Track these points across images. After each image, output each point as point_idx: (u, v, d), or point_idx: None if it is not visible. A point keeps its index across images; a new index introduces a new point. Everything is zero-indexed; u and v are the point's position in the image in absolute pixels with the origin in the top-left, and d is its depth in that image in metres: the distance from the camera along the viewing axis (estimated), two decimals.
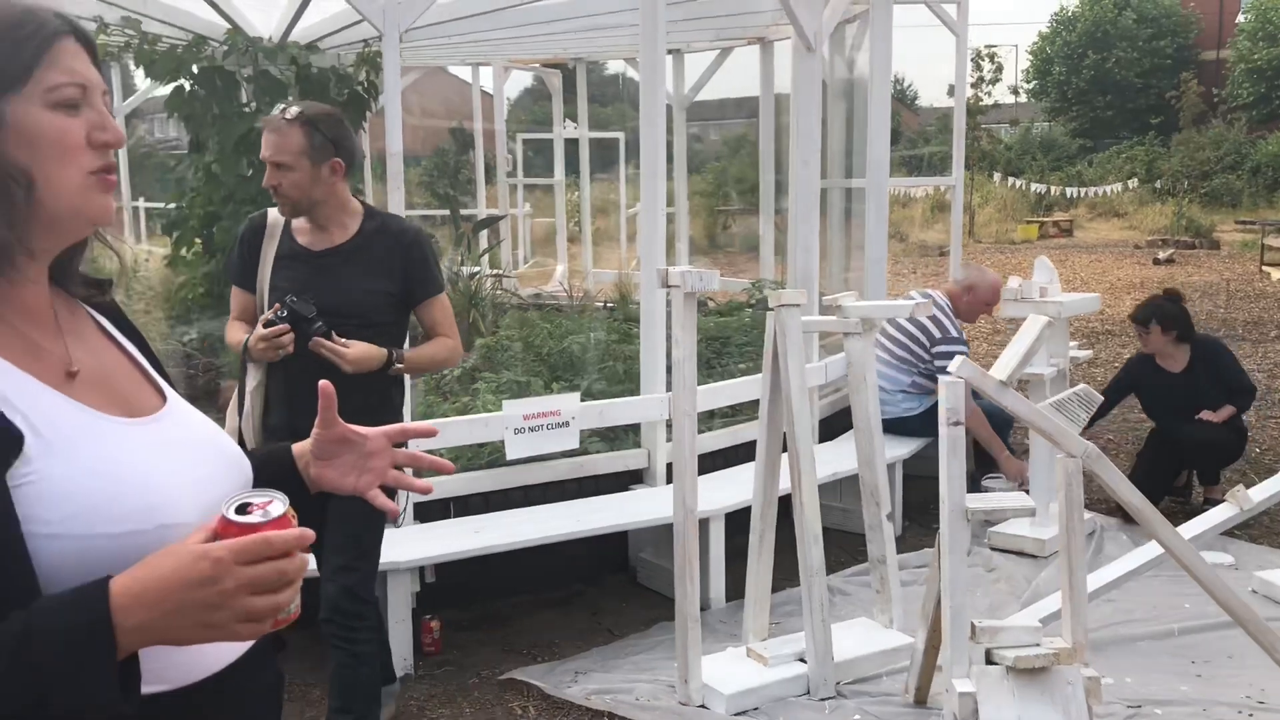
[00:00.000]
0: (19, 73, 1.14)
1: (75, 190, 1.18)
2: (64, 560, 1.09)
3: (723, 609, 4.44)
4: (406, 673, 3.94)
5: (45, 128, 1.15)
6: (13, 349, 1.16)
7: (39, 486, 1.09)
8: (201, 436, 1.31)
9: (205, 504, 1.22)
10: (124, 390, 1.27)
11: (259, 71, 6.41)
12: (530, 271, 11.73)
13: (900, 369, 5.79)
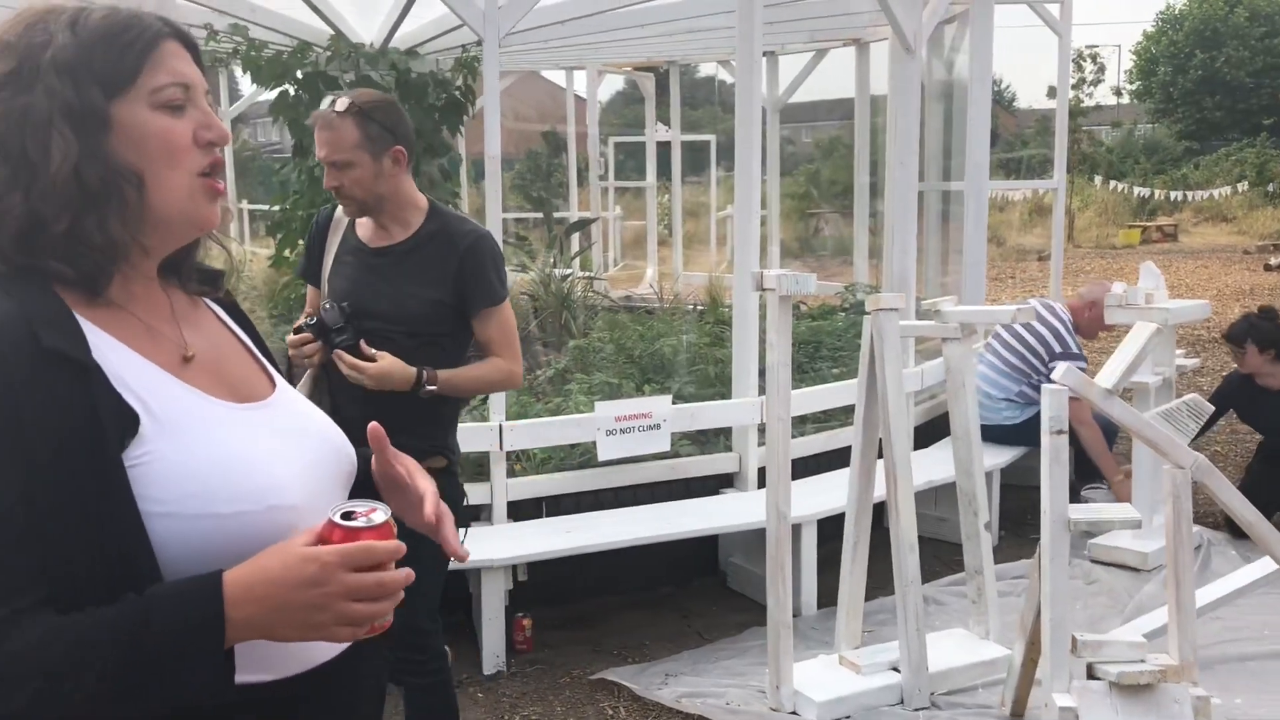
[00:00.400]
0: (125, 76, 1.19)
1: (183, 193, 1.22)
2: (178, 539, 1.13)
3: (814, 615, 4.40)
4: (499, 670, 3.98)
5: (152, 128, 1.20)
6: (131, 334, 1.21)
7: (154, 467, 1.13)
8: (309, 424, 1.34)
9: (311, 489, 1.25)
10: (236, 376, 1.31)
11: (360, 77, 6.53)
12: (620, 274, 11.78)
13: (1010, 377, 5.67)
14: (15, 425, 1.07)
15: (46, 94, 1.16)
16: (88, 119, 1.16)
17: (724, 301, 8.44)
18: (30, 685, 1.04)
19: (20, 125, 1.15)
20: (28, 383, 1.08)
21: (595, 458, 4.43)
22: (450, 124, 6.98)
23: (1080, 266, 16.44)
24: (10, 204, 1.15)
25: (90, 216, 1.17)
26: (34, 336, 1.10)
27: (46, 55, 1.16)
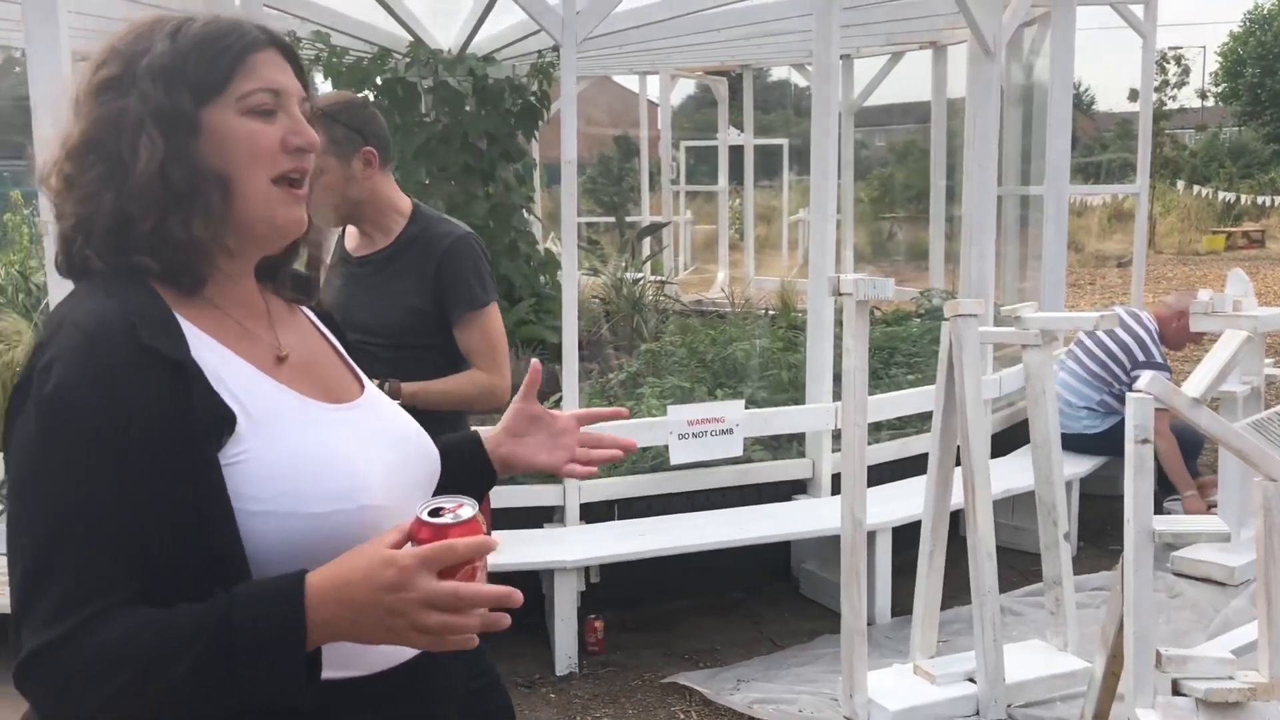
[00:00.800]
0: (217, 82, 1.22)
1: (263, 196, 1.24)
2: (270, 537, 1.15)
3: (887, 624, 4.36)
4: (571, 671, 4.00)
5: (237, 132, 1.22)
6: (228, 334, 1.24)
7: (249, 466, 1.15)
8: (395, 425, 1.37)
9: (399, 489, 1.28)
10: (327, 377, 1.34)
11: (438, 82, 6.63)
12: (691, 278, 11.77)
13: (1091, 385, 5.56)
14: (115, 422, 1.10)
15: (140, 98, 1.20)
16: (176, 122, 1.20)
17: (796, 306, 8.40)
18: (119, 677, 1.06)
19: (115, 127, 1.20)
20: (128, 381, 1.11)
21: (667, 461, 4.43)
22: (525, 129, 7.05)
23: (1161, 273, 16.06)
24: (102, 202, 1.19)
25: (175, 216, 1.20)
26: (135, 335, 1.13)
27: (144, 61, 1.21)
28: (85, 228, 1.21)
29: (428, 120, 6.72)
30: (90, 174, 1.20)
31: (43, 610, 1.08)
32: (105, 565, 1.09)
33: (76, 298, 1.20)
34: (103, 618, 1.08)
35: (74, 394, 1.10)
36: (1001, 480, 4.80)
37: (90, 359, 1.11)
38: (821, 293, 4.56)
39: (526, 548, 4.14)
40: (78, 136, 1.21)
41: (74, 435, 1.10)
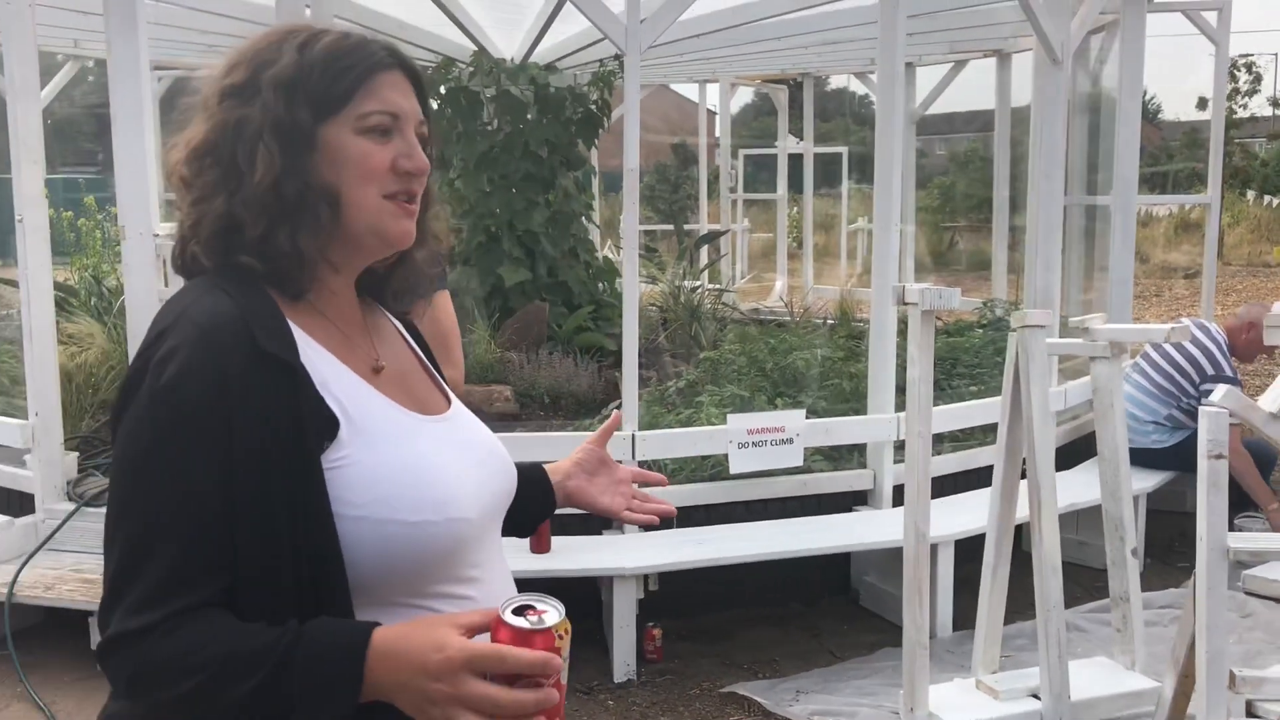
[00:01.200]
0: (337, 100, 1.24)
1: (372, 210, 1.26)
2: (365, 542, 1.17)
3: (949, 638, 4.31)
4: (629, 678, 4.01)
5: (351, 151, 1.24)
6: (332, 341, 1.26)
7: (349, 471, 1.18)
8: (481, 439, 1.39)
9: (483, 504, 1.30)
10: (418, 390, 1.36)
11: (501, 91, 6.69)
12: (748, 286, 11.74)
13: (1160, 399, 5.46)
14: (224, 418, 1.13)
15: (262, 108, 1.22)
16: (294, 136, 1.23)
17: (855, 315, 8.34)
18: (185, 683, 1.09)
19: (234, 133, 1.22)
20: (240, 379, 1.14)
21: (726, 470, 4.42)
22: (586, 138, 7.09)
23: (1230, 285, 15.72)
24: (214, 205, 1.23)
25: (283, 228, 1.23)
26: (250, 335, 1.16)
27: (270, 72, 1.23)
28: (198, 229, 1.24)
29: (490, 128, 6.79)
30: (206, 177, 1.23)
31: (133, 595, 1.12)
32: (199, 558, 1.12)
33: (194, 293, 1.23)
34: (186, 618, 1.11)
35: (187, 388, 1.13)
36: (1067, 494, 4.72)
37: (206, 355, 1.14)
38: (885, 302, 4.53)
39: (585, 554, 4.16)
40: (198, 139, 1.25)
41: (183, 427, 1.13)
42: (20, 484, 4.65)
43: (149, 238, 4.07)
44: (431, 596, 1.24)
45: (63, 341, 4.97)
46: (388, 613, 1.21)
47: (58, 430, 4.55)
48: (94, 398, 5.51)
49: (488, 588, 1.31)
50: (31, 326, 4.43)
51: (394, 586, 1.21)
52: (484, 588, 1.30)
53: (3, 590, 4.09)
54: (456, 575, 1.27)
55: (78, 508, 4.45)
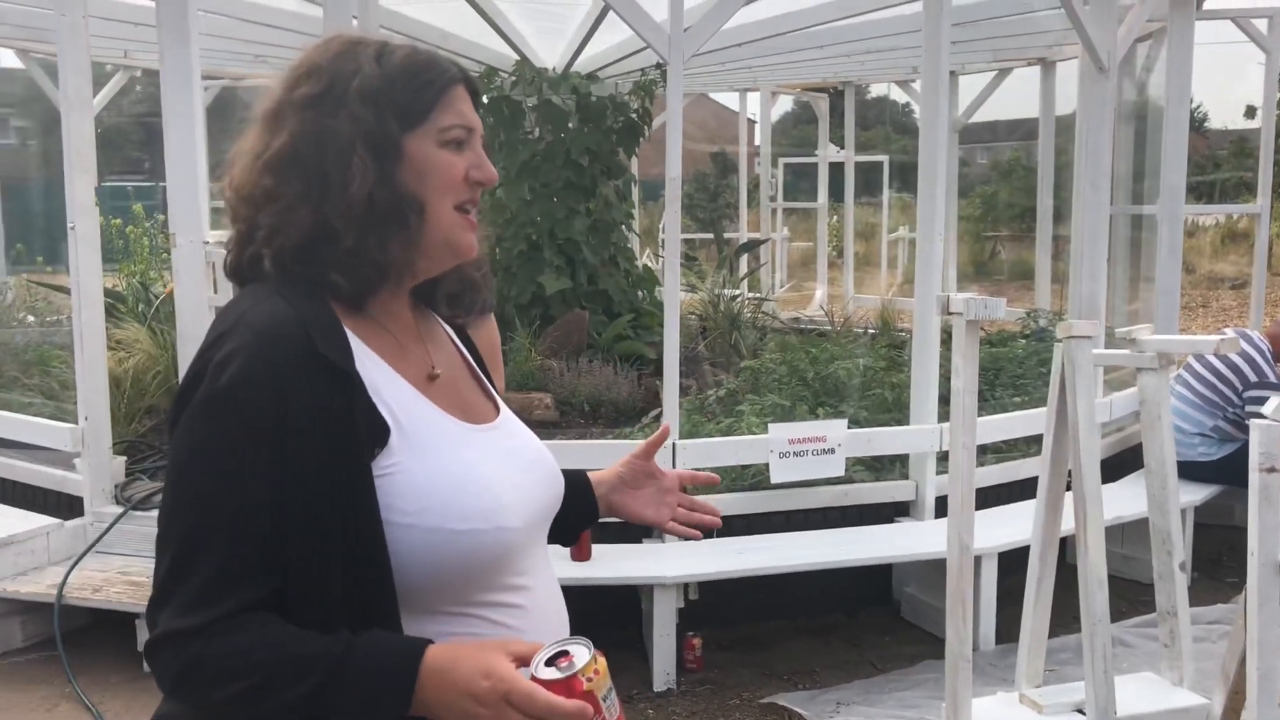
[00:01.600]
0: (420, 112, 1.27)
1: (447, 222, 1.29)
2: (413, 549, 1.18)
3: (992, 651, 4.27)
4: (669, 687, 4.00)
5: (435, 162, 1.27)
6: (386, 349, 1.28)
7: (399, 478, 1.19)
8: (529, 447, 1.39)
9: (530, 512, 1.31)
10: (468, 398, 1.37)
11: (542, 100, 6.73)
12: (788, 295, 11.71)
13: (1204, 411, 5.38)
14: (280, 422, 1.14)
15: (350, 120, 1.24)
16: (385, 147, 1.25)
17: (896, 325, 8.29)
18: (235, 685, 1.11)
19: (321, 145, 1.23)
20: (297, 384, 1.15)
21: (767, 479, 4.41)
22: (626, 146, 7.11)
23: (1279, 296, 15.48)
24: (300, 216, 1.23)
25: (374, 237, 1.24)
26: (308, 341, 1.18)
27: (354, 84, 1.25)
28: (276, 238, 1.24)
29: (531, 137, 6.82)
30: (290, 188, 1.23)
31: (183, 595, 1.13)
32: (250, 560, 1.13)
33: (252, 298, 1.24)
34: (236, 620, 1.12)
35: (244, 390, 1.14)
36: (1112, 507, 4.66)
37: (263, 359, 1.16)
38: (928, 312, 4.51)
39: (626, 562, 4.16)
40: (277, 150, 1.25)
41: (238, 429, 1.14)
42: (69, 487, 4.72)
43: (199, 245, 4.13)
44: (479, 604, 1.25)
45: (110, 347, 5.04)
46: (435, 620, 1.22)
47: (107, 434, 4.63)
48: (141, 403, 5.59)
49: (535, 595, 1.32)
50: (82, 332, 4.50)
51: (442, 594, 1.22)
52: (532, 595, 1.31)
53: (52, 591, 4.15)
54: (504, 583, 1.27)
55: (125, 511, 4.52)
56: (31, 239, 10.66)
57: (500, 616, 1.27)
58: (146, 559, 4.40)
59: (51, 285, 8.07)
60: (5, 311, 7.14)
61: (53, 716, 3.80)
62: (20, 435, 4.94)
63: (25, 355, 6.24)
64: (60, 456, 4.80)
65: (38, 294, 7.85)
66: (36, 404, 5.44)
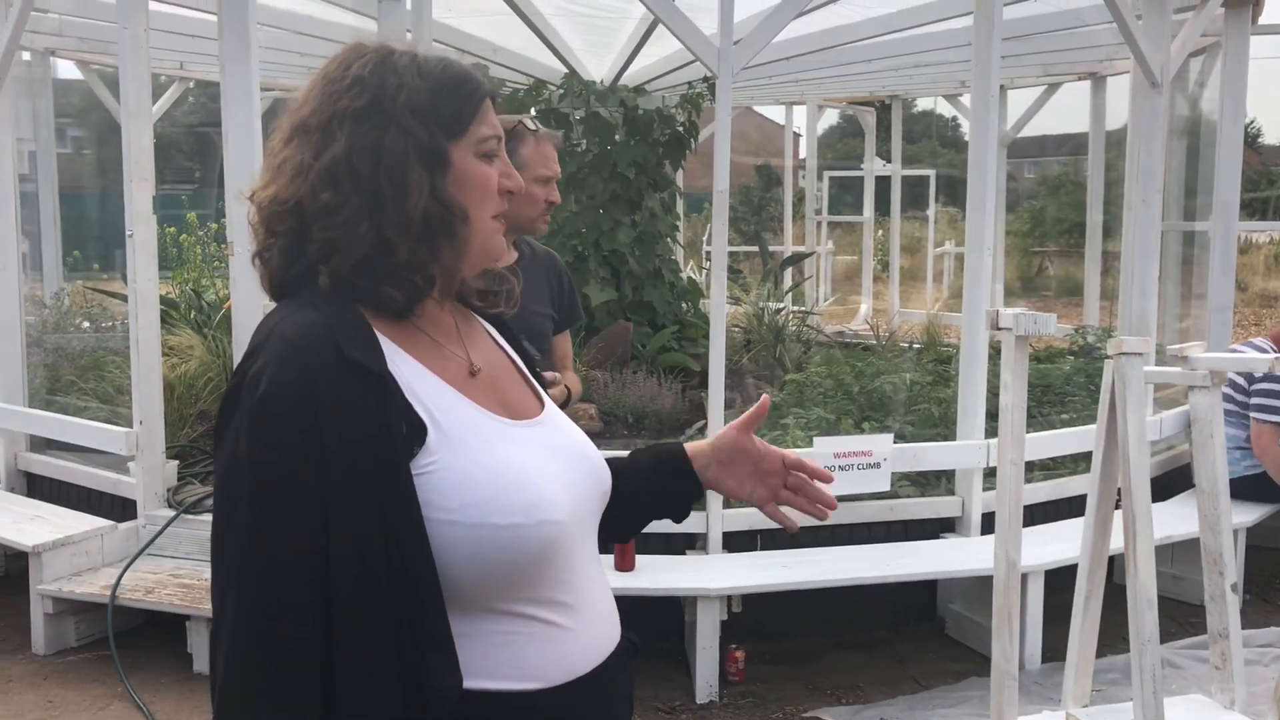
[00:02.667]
0: (462, 124, 1.30)
1: (486, 230, 1.33)
2: (456, 546, 1.20)
3: (1037, 669, 4.23)
4: (711, 699, 4.00)
5: (475, 172, 1.30)
6: (421, 350, 1.30)
7: (439, 476, 1.21)
8: (573, 443, 1.41)
9: (576, 506, 1.32)
10: (509, 394, 1.39)
11: (590, 113, 6.77)
12: (833, 309, 11.69)
13: (1235, 424, 5.31)
14: (319, 427, 1.16)
15: (402, 133, 1.26)
16: (435, 159, 1.27)
17: (942, 339, 8.24)
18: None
19: (374, 159, 1.25)
20: (330, 389, 1.17)
21: None
22: (673, 159, 7.14)
23: None
24: (360, 231, 1.25)
25: (426, 248, 1.27)
26: (338, 348, 1.20)
27: (401, 97, 1.27)
28: (335, 254, 1.26)
29: (578, 149, 6.87)
30: (349, 201, 1.25)
31: (244, 617, 1.17)
32: (301, 570, 1.15)
33: (284, 310, 1.27)
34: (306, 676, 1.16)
35: (281, 401, 1.17)
36: (1161, 526, 4.60)
37: (297, 368, 1.18)
38: (976, 327, 4.48)
39: (669, 573, 4.17)
40: (329, 163, 1.26)
41: (280, 441, 1.16)
42: (123, 490, 4.81)
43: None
44: (528, 601, 1.26)
45: (164, 353, 5.13)
46: (484, 618, 1.24)
47: (160, 439, 4.71)
48: (193, 408, 5.68)
49: (584, 593, 1.33)
50: (138, 337, 4.59)
51: (490, 591, 1.24)
52: (581, 593, 1.32)
53: (106, 592, 4.23)
54: (552, 580, 1.28)
55: (177, 514, 4.59)
56: (87, 246, 10.87)
57: (549, 615, 1.28)
58: (197, 562, 4.48)
59: (106, 291, 8.23)
60: (63, 317, 7.28)
61: (105, 715, 3.87)
62: (77, 438, 5.04)
63: (81, 360, 6.36)
64: (114, 460, 4.90)
65: (93, 300, 8.00)
66: (92, 408, 5.54)
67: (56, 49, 7.14)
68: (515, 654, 1.25)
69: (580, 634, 1.31)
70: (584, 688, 1.30)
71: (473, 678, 1.21)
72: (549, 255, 3.12)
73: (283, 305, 1.29)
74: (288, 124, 1.31)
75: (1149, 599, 3.43)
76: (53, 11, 6.18)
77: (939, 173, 13.01)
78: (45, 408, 5.52)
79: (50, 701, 3.96)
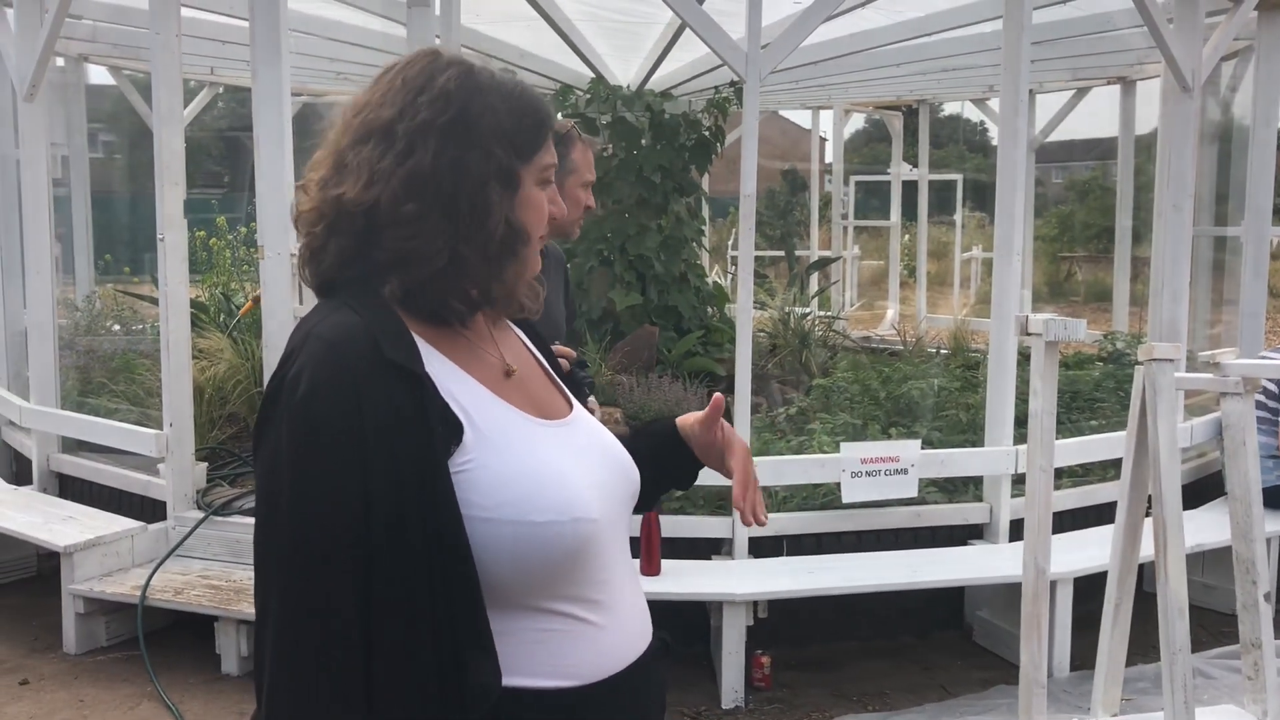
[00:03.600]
0: (531, 150, 1.32)
1: (534, 250, 1.36)
2: (494, 543, 1.21)
3: (1066, 678, 4.19)
4: (737, 705, 3.99)
5: (536, 199, 1.34)
6: (457, 351, 1.32)
7: (476, 474, 1.22)
8: (602, 444, 1.42)
9: (607, 505, 1.33)
10: (540, 395, 1.40)
11: (616, 118, 6.78)
12: (859, 314, 11.65)
13: (1267, 431, 5.24)
14: (359, 427, 1.17)
15: (485, 155, 1.27)
16: (510, 182, 1.29)
17: (969, 345, 8.20)
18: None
19: (458, 176, 1.26)
20: (369, 387, 1.19)
21: (838, 498, 4.39)
22: (699, 163, 7.13)
23: None
24: (438, 244, 1.25)
25: (495, 266, 1.30)
26: (377, 348, 1.21)
27: (487, 119, 1.27)
28: (404, 262, 1.26)
29: (605, 154, 6.88)
30: (431, 215, 1.25)
31: (289, 617, 1.18)
32: (345, 568, 1.16)
33: (321, 312, 1.28)
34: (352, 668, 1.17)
35: (321, 400, 1.18)
36: (1192, 534, 4.55)
37: (336, 367, 1.19)
38: (1005, 332, 4.46)
39: (695, 578, 4.17)
40: (413, 172, 1.25)
41: (321, 441, 1.17)
42: (153, 491, 4.85)
43: (286, 257, 4.23)
44: (563, 599, 1.27)
45: (194, 356, 5.18)
46: (520, 616, 1.25)
47: (190, 441, 4.74)
48: (222, 410, 5.72)
49: (618, 592, 1.34)
50: (168, 340, 4.63)
51: (527, 589, 1.25)
52: (614, 592, 1.33)
53: (136, 593, 4.27)
54: (587, 578, 1.29)
55: (206, 516, 4.63)
56: (118, 249, 10.98)
57: (584, 612, 1.29)
58: (225, 563, 4.51)
59: (137, 294, 8.31)
60: (94, 320, 7.35)
61: (135, 714, 3.90)
62: (107, 440, 5.09)
63: (112, 362, 6.42)
64: (145, 461, 4.94)
65: (124, 303, 8.08)
66: (123, 410, 5.60)
67: (90, 55, 7.22)
68: (551, 652, 1.26)
69: (614, 632, 1.32)
70: (618, 686, 1.31)
71: (509, 675, 1.22)
72: (557, 252, 3.13)
73: (318, 308, 1.30)
74: (360, 123, 1.28)
75: (1180, 607, 3.40)
76: (86, 18, 6.25)
77: (966, 177, 12.95)
78: (77, 410, 5.58)
79: (81, 700, 4.00)
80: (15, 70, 5.37)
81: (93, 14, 6.23)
